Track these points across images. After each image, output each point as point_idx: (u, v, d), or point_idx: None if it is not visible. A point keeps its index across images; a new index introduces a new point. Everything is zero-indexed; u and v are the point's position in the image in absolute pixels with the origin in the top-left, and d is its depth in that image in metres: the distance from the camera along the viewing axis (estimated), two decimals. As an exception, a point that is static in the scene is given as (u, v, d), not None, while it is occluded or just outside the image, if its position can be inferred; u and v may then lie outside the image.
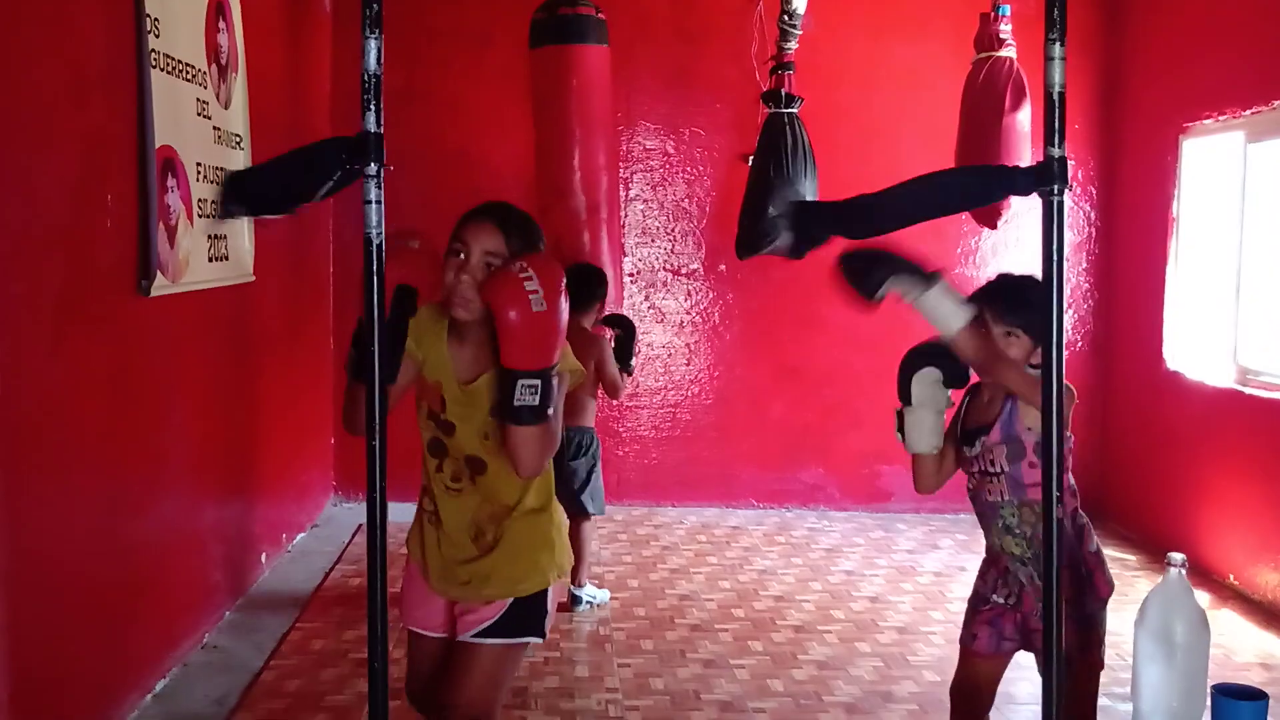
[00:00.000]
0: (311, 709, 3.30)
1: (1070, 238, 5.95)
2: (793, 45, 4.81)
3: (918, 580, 4.76)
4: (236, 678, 3.52)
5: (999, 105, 4.65)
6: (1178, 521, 5.11)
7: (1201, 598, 4.57)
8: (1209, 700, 1.79)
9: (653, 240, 5.90)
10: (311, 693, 3.41)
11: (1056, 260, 1.78)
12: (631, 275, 5.89)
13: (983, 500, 2.54)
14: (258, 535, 4.56)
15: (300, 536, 5.14)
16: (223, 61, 3.89)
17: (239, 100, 4.07)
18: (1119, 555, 5.23)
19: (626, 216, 5.88)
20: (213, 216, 3.71)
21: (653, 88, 5.81)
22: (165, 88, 3.30)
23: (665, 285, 5.92)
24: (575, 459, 4.14)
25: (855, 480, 5.87)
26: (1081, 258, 5.95)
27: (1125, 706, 3.01)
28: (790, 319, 5.86)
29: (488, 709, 2.19)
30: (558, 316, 1.96)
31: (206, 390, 3.91)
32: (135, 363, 3.22)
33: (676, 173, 5.89)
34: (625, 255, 5.88)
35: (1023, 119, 4.66)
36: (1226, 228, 4.84)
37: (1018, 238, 5.88)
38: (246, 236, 4.16)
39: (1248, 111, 4.67)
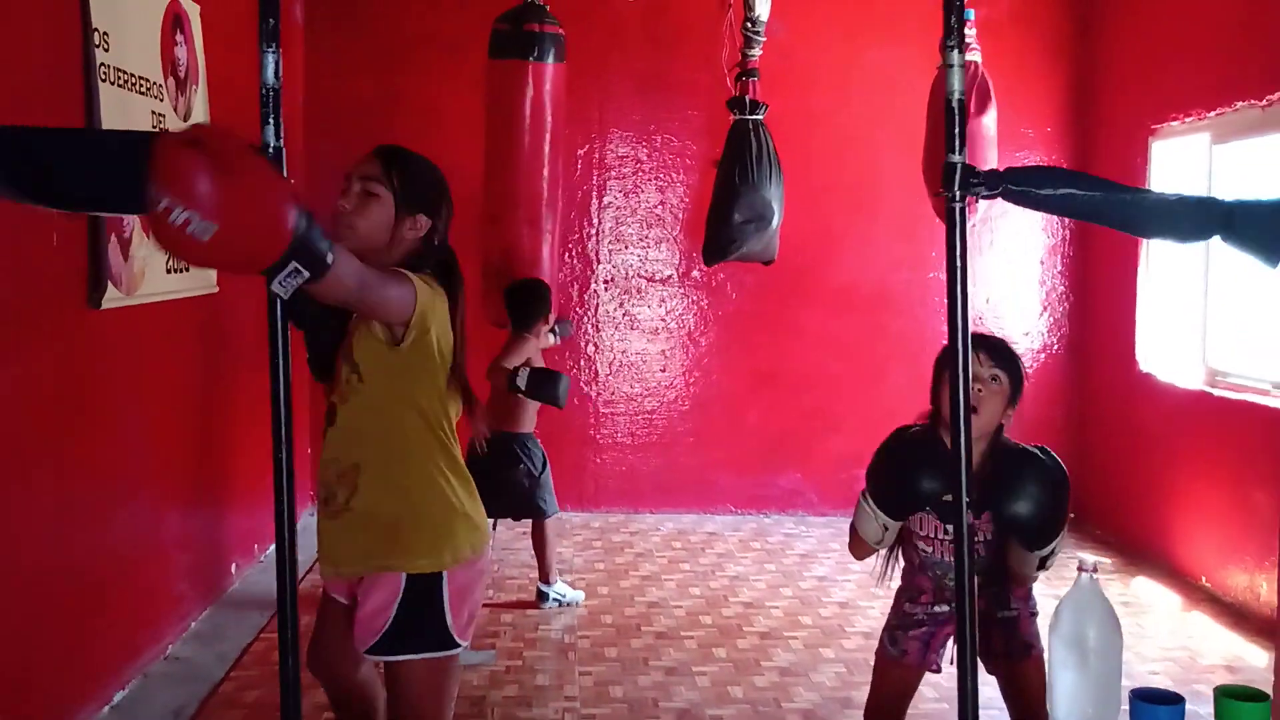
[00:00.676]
0: (268, 720, 3.30)
1: (1046, 241, 5.95)
2: (757, 52, 4.81)
3: (890, 585, 4.73)
4: (196, 688, 3.52)
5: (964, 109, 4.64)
6: (1152, 524, 5.10)
7: (1173, 600, 4.59)
8: (1126, 705, 1.79)
9: (627, 247, 5.91)
10: (269, 704, 3.41)
11: (961, 266, 1.79)
12: (606, 282, 5.90)
13: (931, 558, 2.49)
14: (228, 546, 4.57)
15: (274, 547, 5.14)
16: (181, 74, 3.91)
17: (199, 112, 4.08)
18: (1094, 559, 5.20)
19: (600, 223, 5.89)
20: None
21: (625, 94, 5.83)
22: (116, 101, 3.31)
23: (640, 292, 5.92)
24: (512, 466, 4.18)
25: (833, 485, 5.86)
26: (1056, 260, 5.95)
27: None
28: (766, 324, 5.86)
29: None
30: (246, 195, 1.52)
31: (171, 401, 3.91)
32: (87, 374, 3.23)
33: (649, 179, 5.90)
34: (599, 262, 5.89)
35: (988, 122, 4.65)
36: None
37: (990, 241, 5.89)
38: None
39: (1212, 113, 4.66)
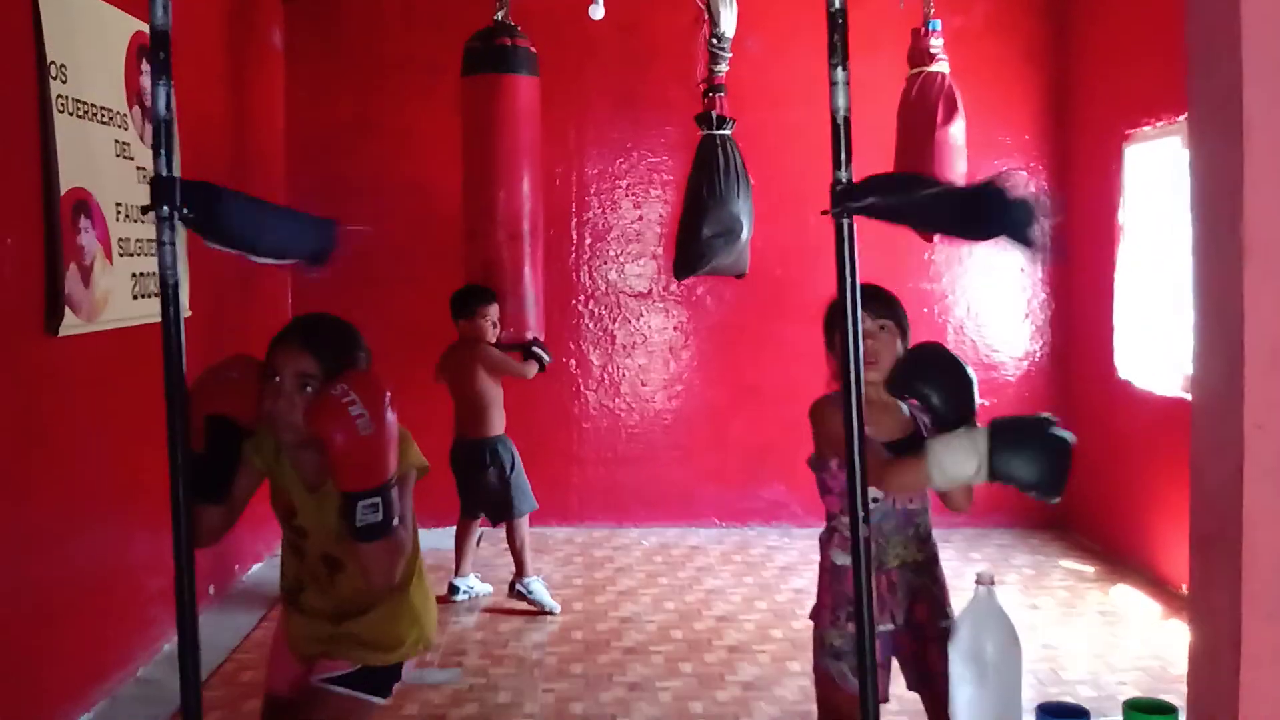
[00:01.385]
0: (229, 740, 3.33)
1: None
2: (723, 68, 4.84)
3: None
4: (162, 709, 3.55)
5: (931, 119, 4.66)
6: (1135, 532, 5.06)
7: (1153, 609, 4.55)
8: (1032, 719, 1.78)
9: (605, 263, 5.94)
10: (232, 723, 3.45)
11: (850, 282, 1.80)
12: (586, 298, 5.92)
13: (891, 511, 2.44)
14: (206, 568, 4.60)
15: (256, 567, 5.18)
16: (147, 103, 3.97)
17: (168, 140, 4.14)
18: (1076, 567, 5.18)
19: (578, 240, 5.92)
20: (136, 254, 3.78)
21: (601, 112, 5.86)
22: (74, 131, 3.37)
23: (620, 307, 5.94)
24: (483, 470, 4.37)
25: (817, 496, 5.83)
26: (1037, 268, 5.92)
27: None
28: (746, 337, 5.87)
29: None
30: (386, 432, 1.96)
31: (138, 426, 3.96)
32: (46, 401, 3.28)
33: (626, 195, 5.93)
34: (578, 279, 5.92)
35: (955, 132, 4.67)
36: (1167, 234, 4.81)
37: (970, 250, 5.87)
38: (180, 272, 4.21)
39: (1182, 117, 4.64)
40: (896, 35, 5.28)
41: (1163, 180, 4.88)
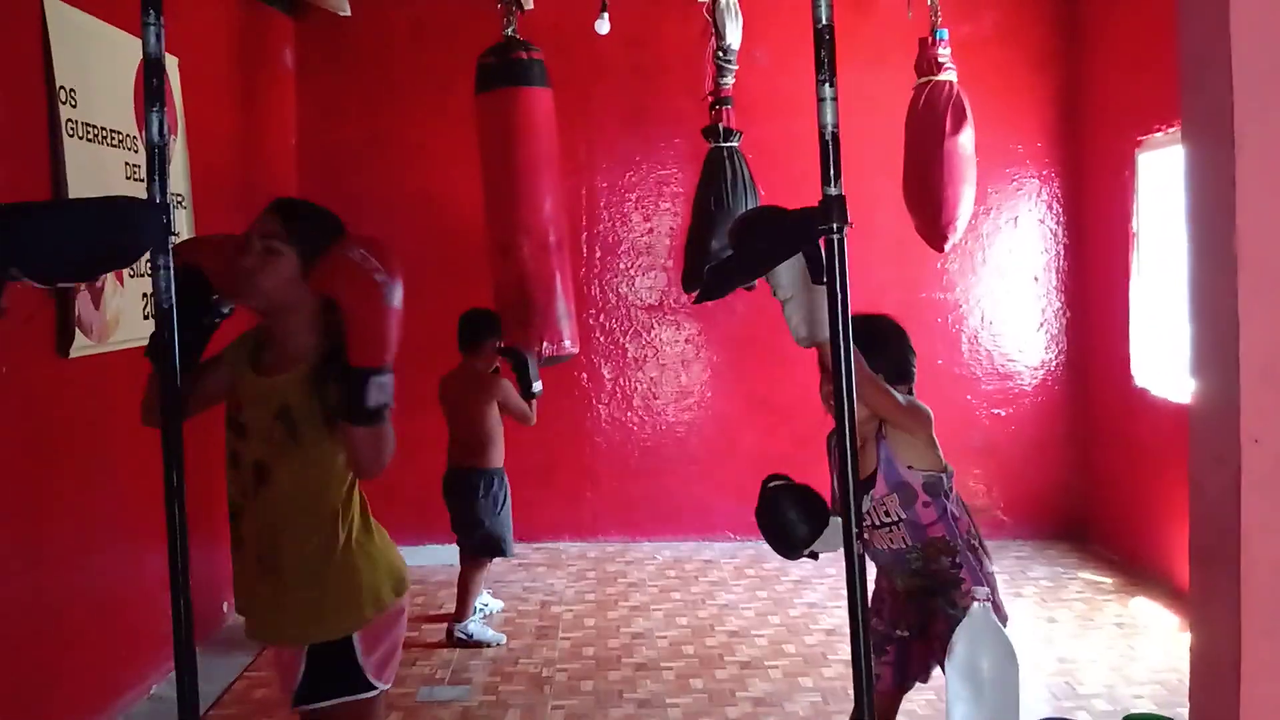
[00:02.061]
0: (240, 758, 3.34)
1: (1040, 256, 5.88)
2: (729, 80, 4.84)
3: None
4: (175, 728, 3.56)
5: (939, 129, 4.63)
6: (1153, 542, 5.00)
7: (1171, 621, 4.48)
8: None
9: (616, 276, 5.94)
10: (244, 742, 3.46)
11: (841, 299, 1.78)
12: (598, 312, 5.93)
13: (880, 552, 2.49)
14: (219, 584, 4.62)
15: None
16: (157, 125, 4.01)
17: (179, 161, 4.18)
18: (1094, 578, 5.13)
19: (589, 254, 5.93)
20: (147, 275, 3.81)
21: (611, 125, 5.88)
22: (84, 154, 3.41)
23: (631, 320, 5.94)
24: (477, 499, 4.28)
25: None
26: (1052, 276, 5.88)
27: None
28: (758, 349, 5.85)
29: None
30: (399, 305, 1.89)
31: (149, 445, 3.98)
32: (57, 421, 3.31)
33: (637, 208, 5.93)
34: (590, 292, 5.92)
35: (964, 141, 4.64)
36: (1181, 240, 4.76)
37: (983, 259, 5.84)
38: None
39: (1194, 123, 4.60)
40: (904, 45, 5.27)
41: (1176, 186, 4.83)
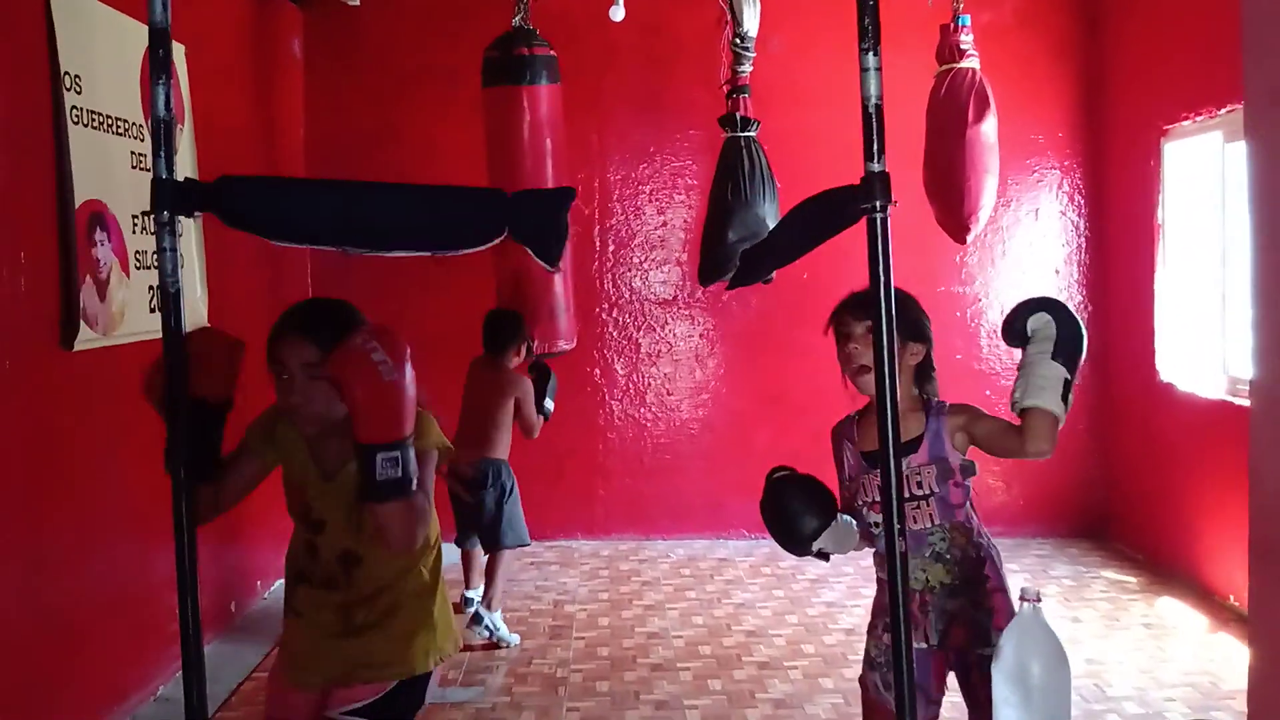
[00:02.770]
0: (248, 762, 3.26)
1: (1061, 249, 5.78)
2: (747, 68, 4.74)
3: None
4: (182, 730, 3.48)
5: (962, 117, 4.53)
6: (1179, 540, 4.89)
7: (1199, 621, 4.38)
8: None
9: (629, 270, 5.85)
10: (252, 744, 3.37)
11: (884, 281, 1.69)
12: (610, 307, 5.84)
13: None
14: (228, 584, 4.55)
15: (278, 583, 5.12)
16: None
17: (186, 151, 4.10)
18: (1118, 577, 5.02)
19: (602, 247, 5.83)
20: (153, 268, 3.73)
21: (624, 116, 5.78)
22: (89, 143, 3.32)
23: (644, 315, 5.85)
24: (483, 490, 4.20)
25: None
26: (1073, 269, 5.77)
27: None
28: (773, 344, 5.76)
29: None
30: (406, 384, 1.91)
31: (156, 441, 3.90)
32: (61, 416, 3.23)
33: (650, 201, 5.84)
34: (602, 287, 5.83)
35: (987, 130, 4.54)
36: (1210, 232, 4.66)
37: (1003, 251, 5.74)
38: (198, 284, 4.18)
39: (1224, 110, 4.50)
40: (924, 31, 5.17)
41: (1204, 176, 4.72)
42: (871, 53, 1.68)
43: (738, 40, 4.69)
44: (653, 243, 5.84)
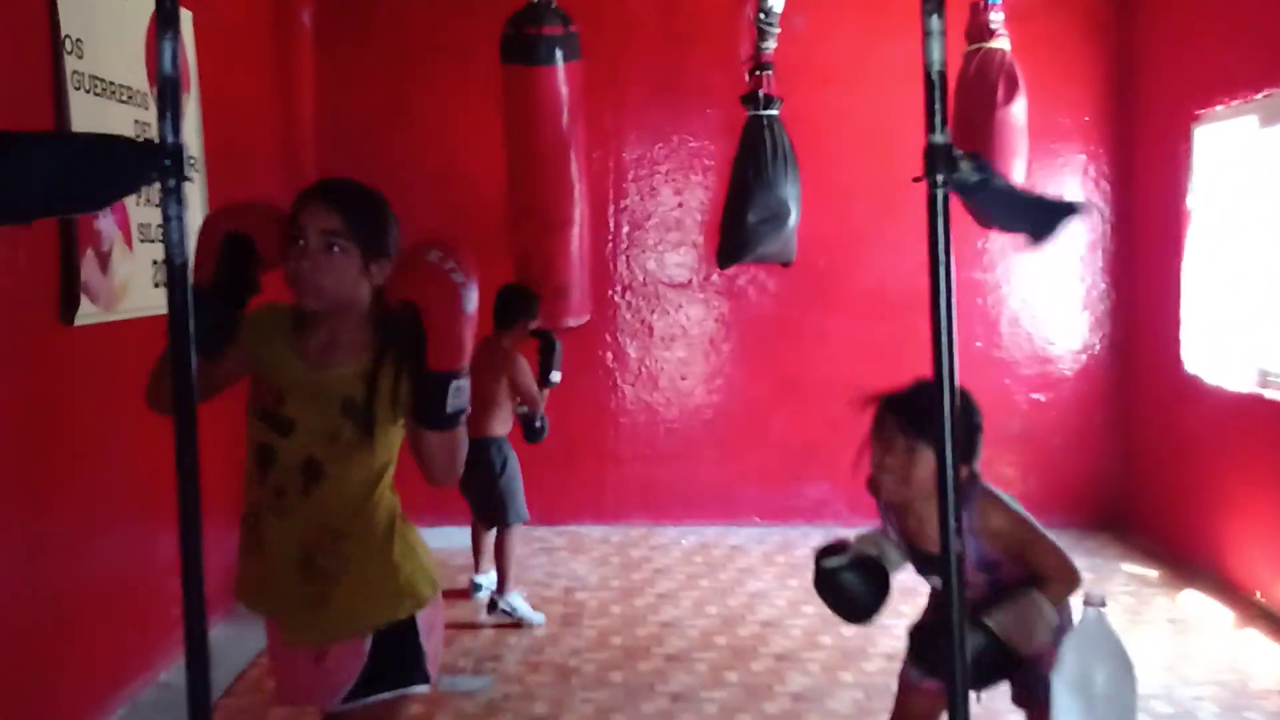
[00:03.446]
0: (252, 751, 3.17)
1: (1085, 235, 5.65)
2: (771, 45, 4.60)
3: (918, 601, 4.48)
4: (185, 715, 3.39)
5: (991, 98, 4.40)
6: (1203, 534, 4.79)
7: (1225, 616, 4.28)
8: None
9: (644, 252, 5.73)
10: (256, 732, 3.28)
11: (944, 260, 1.57)
12: (624, 289, 5.72)
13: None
14: (230, 567, 4.45)
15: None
16: (169, 82, 3.80)
17: (192, 121, 3.98)
18: (1139, 571, 4.92)
19: (616, 228, 5.71)
20: (158, 241, 3.62)
21: (641, 95, 5.65)
22: (92, 110, 3.20)
23: (659, 298, 5.73)
24: (481, 468, 4.13)
25: (863, 495, 5.58)
26: (1097, 256, 5.65)
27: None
28: (789, 329, 5.64)
29: None
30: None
31: (160, 421, 3.80)
32: (61, 394, 3.12)
33: (667, 181, 5.71)
34: (616, 268, 5.71)
35: (1017, 111, 4.41)
36: (1242, 219, 4.53)
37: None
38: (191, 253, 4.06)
39: (1260, 94, 4.36)
40: (953, 11, 5.03)
41: (1237, 162, 4.59)
42: (936, 15, 1.56)
43: (762, 15, 4.55)
44: (668, 224, 5.71)
